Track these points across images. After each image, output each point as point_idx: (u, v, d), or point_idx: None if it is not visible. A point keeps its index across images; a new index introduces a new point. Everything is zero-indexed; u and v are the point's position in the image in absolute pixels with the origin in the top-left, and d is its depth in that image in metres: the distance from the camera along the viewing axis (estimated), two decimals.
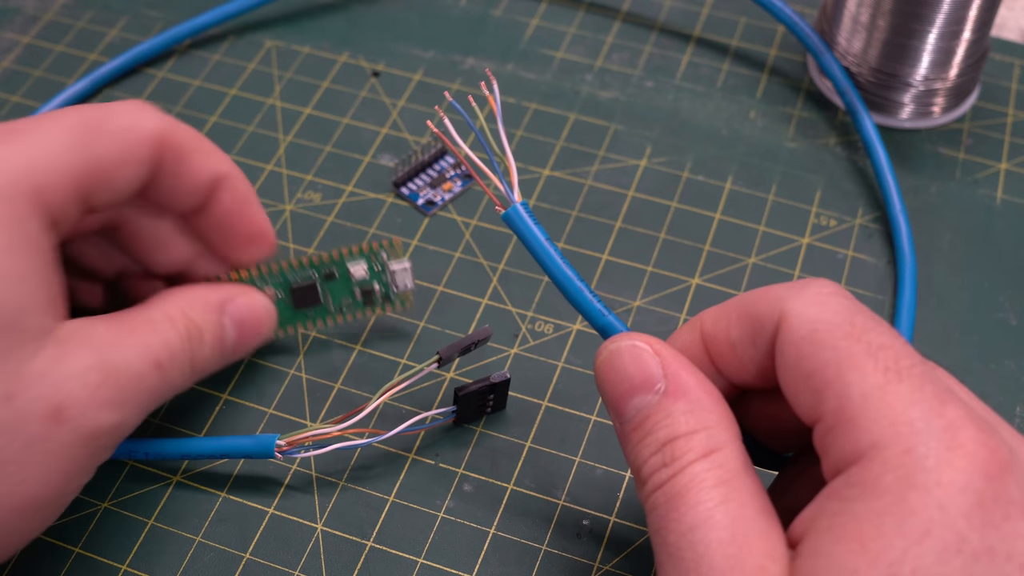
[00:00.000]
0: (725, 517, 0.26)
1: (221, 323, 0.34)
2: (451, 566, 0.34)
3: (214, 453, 0.35)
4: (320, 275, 0.38)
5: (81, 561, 0.34)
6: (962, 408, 0.25)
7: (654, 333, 0.39)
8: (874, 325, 0.27)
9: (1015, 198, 0.44)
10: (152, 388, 0.31)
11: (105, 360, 0.30)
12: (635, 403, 0.29)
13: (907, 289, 0.40)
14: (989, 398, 0.38)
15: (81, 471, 0.30)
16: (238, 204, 0.36)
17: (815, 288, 0.28)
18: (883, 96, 0.46)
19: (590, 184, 0.44)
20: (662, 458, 0.27)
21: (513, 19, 0.51)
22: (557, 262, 0.31)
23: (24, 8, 0.51)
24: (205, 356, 0.34)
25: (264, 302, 0.36)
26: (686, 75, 0.48)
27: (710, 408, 0.28)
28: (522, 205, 0.31)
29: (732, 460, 0.27)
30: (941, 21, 0.43)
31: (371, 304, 0.38)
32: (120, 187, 0.33)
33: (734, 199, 0.44)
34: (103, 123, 0.32)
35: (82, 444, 0.30)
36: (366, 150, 0.45)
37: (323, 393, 0.38)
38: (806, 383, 0.27)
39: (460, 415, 0.36)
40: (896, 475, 0.24)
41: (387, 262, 0.38)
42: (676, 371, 0.28)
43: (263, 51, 0.49)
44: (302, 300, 0.37)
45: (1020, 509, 0.24)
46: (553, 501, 0.36)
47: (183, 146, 0.34)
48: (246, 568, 0.34)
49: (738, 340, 0.29)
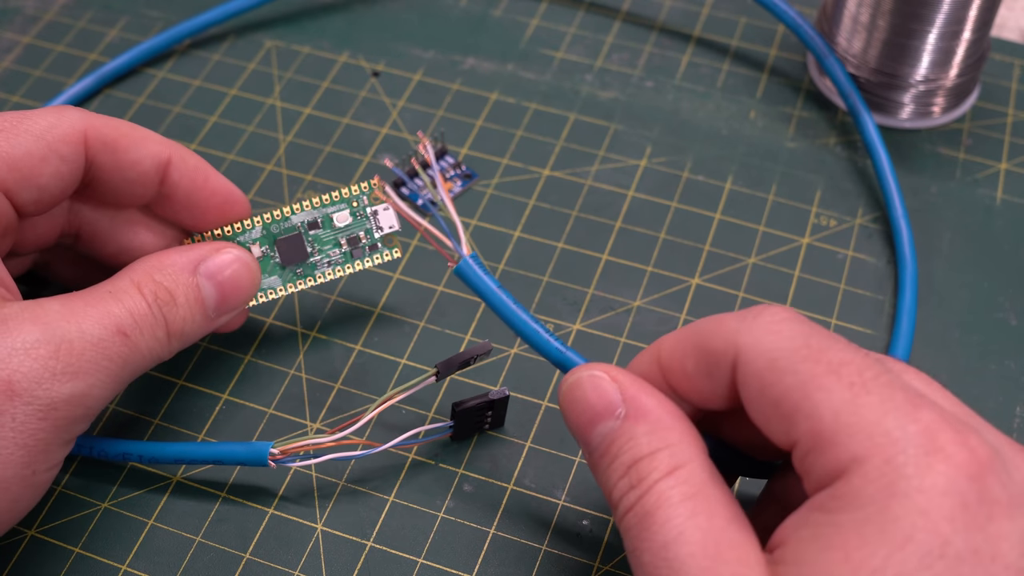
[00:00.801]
0: (696, 531, 0.26)
1: (195, 283, 0.34)
2: (451, 566, 0.34)
3: (207, 459, 0.35)
4: (303, 224, 0.37)
5: (81, 561, 0.34)
6: (936, 411, 0.25)
7: (654, 333, 0.40)
8: (831, 344, 0.27)
9: (1015, 198, 0.44)
10: (118, 356, 0.31)
11: (54, 332, 0.30)
12: (599, 430, 0.29)
13: (908, 290, 0.40)
14: (989, 398, 0.38)
15: (44, 445, 0.30)
16: (193, 179, 0.36)
17: (767, 317, 0.28)
18: (883, 96, 0.46)
19: (590, 184, 0.44)
20: (629, 480, 0.28)
21: (513, 19, 0.51)
22: (511, 307, 0.31)
23: (24, 8, 0.51)
24: (182, 318, 0.33)
25: (242, 254, 0.35)
26: (686, 75, 0.48)
27: (671, 426, 0.28)
28: (471, 257, 0.31)
29: (697, 474, 0.27)
30: (941, 21, 0.43)
31: (359, 255, 0.37)
32: (45, 185, 0.33)
33: (734, 199, 0.44)
34: (19, 124, 0.33)
35: (40, 417, 0.30)
36: (366, 150, 0.45)
37: (323, 393, 0.38)
38: (774, 412, 0.27)
39: (457, 431, 0.36)
40: (878, 485, 0.24)
41: (367, 205, 0.37)
42: (634, 395, 0.29)
43: (263, 51, 0.49)
44: (288, 254, 0.37)
45: (1004, 508, 0.24)
46: (553, 501, 0.36)
47: (112, 138, 0.34)
48: (246, 568, 0.34)
49: (694, 373, 0.29)
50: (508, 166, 0.45)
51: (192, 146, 0.45)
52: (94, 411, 0.31)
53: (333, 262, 0.37)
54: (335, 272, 0.37)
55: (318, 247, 0.37)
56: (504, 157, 0.45)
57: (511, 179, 0.44)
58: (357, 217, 0.37)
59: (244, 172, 0.45)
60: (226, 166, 0.45)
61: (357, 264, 0.37)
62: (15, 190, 0.32)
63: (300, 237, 0.37)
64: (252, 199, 0.44)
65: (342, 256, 0.37)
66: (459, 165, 0.45)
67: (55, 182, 0.33)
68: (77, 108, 0.34)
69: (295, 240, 0.37)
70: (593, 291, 0.41)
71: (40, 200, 0.33)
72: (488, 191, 0.44)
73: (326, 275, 0.37)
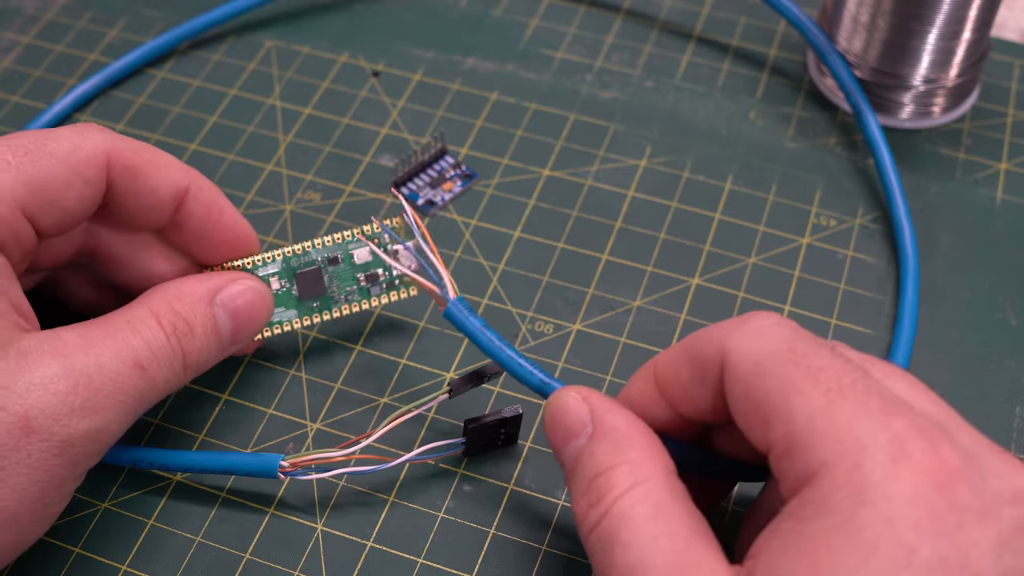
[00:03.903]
0: (658, 555, 0.26)
1: (212, 313, 0.34)
2: (451, 566, 0.34)
3: (216, 468, 0.35)
4: (323, 260, 0.37)
5: (81, 561, 0.34)
6: (910, 418, 0.25)
7: (654, 333, 0.40)
8: (814, 350, 0.27)
9: (1015, 198, 0.44)
10: (135, 390, 0.31)
11: (73, 367, 0.30)
12: (569, 448, 0.30)
13: (909, 289, 0.40)
14: (989, 398, 0.38)
15: (59, 480, 0.30)
16: (208, 212, 0.35)
17: (755, 322, 0.28)
18: (883, 96, 0.46)
19: (590, 184, 0.44)
20: (588, 498, 0.28)
21: (513, 19, 0.51)
22: (495, 344, 0.33)
23: (24, 8, 0.51)
24: (198, 350, 0.33)
25: (258, 286, 0.35)
26: (686, 75, 0.48)
27: (633, 443, 0.29)
28: (458, 300, 0.33)
29: (656, 491, 0.28)
30: (941, 21, 0.43)
31: (377, 292, 0.38)
32: (68, 208, 0.33)
33: (734, 199, 0.44)
34: (44, 145, 0.32)
35: (56, 453, 0.29)
36: (366, 150, 0.45)
37: (323, 393, 0.38)
38: (755, 414, 0.27)
39: (469, 447, 0.36)
40: (845, 492, 0.24)
41: (388, 243, 0.37)
42: (601, 415, 0.29)
43: (263, 51, 0.49)
44: (306, 288, 0.37)
45: (975, 516, 0.24)
46: (553, 501, 0.36)
47: (134, 163, 0.34)
48: (246, 568, 0.34)
49: (688, 382, 0.29)
50: (508, 166, 0.45)
51: (192, 146, 0.45)
52: (108, 445, 0.31)
53: (350, 297, 0.37)
54: (351, 308, 0.37)
55: (336, 282, 0.37)
56: (504, 157, 0.45)
57: (511, 179, 0.44)
58: (376, 256, 0.37)
59: (244, 172, 0.45)
60: (226, 166, 0.45)
61: (374, 300, 0.38)
62: (38, 215, 0.32)
63: (319, 271, 0.37)
64: (252, 199, 0.44)
65: (359, 292, 0.38)
66: (459, 165, 0.45)
67: (78, 205, 0.33)
68: (99, 128, 0.34)
69: (314, 274, 0.37)
70: (593, 291, 0.41)
71: (62, 223, 0.33)
72: (488, 191, 0.44)
73: (342, 310, 0.37)
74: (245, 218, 0.37)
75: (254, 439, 0.37)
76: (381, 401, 0.38)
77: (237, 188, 0.44)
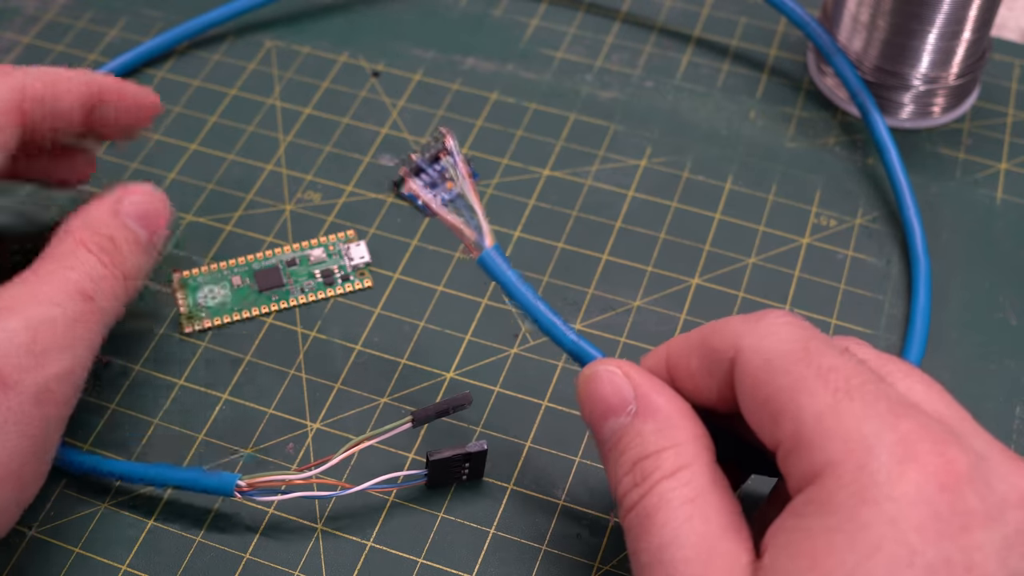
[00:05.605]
0: (691, 536, 0.26)
1: (124, 223, 0.34)
2: (451, 566, 0.34)
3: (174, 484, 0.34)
4: (282, 264, 0.41)
5: (81, 561, 0.34)
6: (919, 420, 0.25)
7: (654, 333, 0.40)
8: (826, 349, 0.27)
9: (1015, 198, 0.44)
10: (90, 320, 0.32)
11: (29, 317, 0.30)
12: (610, 424, 0.30)
13: (921, 293, 0.40)
14: (989, 398, 0.38)
15: (46, 429, 0.30)
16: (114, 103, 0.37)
17: (769, 319, 0.28)
18: (883, 96, 0.46)
19: (590, 184, 0.44)
20: (633, 478, 0.28)
21: (513, 19, 0.51)
22: (530, 299, 0.32)
23: (24, 8, 0.51)
24: (129, 262, 0.34)
25: (148, 187, 0.36)
26: (686, 75, 0.48)
27: (679, 426, 0.29)
28: (494, 249, 0.32)
29: (699, 477, 0.28)
30: (941, 21, 0.43)
31: (331, 284, 0.40)
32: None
33: (734, 199, 0.44)
34: None
35: (35, 403, 0.30)
36: (366, 150, 0.45)
37: (323, 393, 0.38)
38: (764, 411, 0.27)
39: (432, 479, 0.35)
40: (849, 491, 0.24)
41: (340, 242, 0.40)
42: (647, 392, 0.29)
43: (263, 51, 0.49)
44: (265, 282, 0.40)
45: (980, 519, 0.24)
46: (553, 501, 0.36)
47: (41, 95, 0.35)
48: (246, 568, 0.34)
49: (696, 370, 0.30)
50: (508, 166, 0.45)
51: (192, 146, 0.45)
52: (83, 380, 0.32)
53: (306, 289, 0.40)
54: (307, 297, 0.40)
55: (294, 279, 0.41)
56: (504, 157, 0.45)
57: (511, 179, 0.44)
58: (331, 255, 0.41)
59: (244, 172, 0.45)
60: (226, 166, 0.45)
61: (329, 291, 0.40)
62: None
63: (278, 268, 0.41)
64: (252, 199, 0.44)
65: (316, 285, 0.40)
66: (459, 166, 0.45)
67: None
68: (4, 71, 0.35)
69: (273, 271, 0.41)
70: (593, 291, 0.41)
71: None
72: (488, 191, 0.44)
73: (299, 300, 0.40)
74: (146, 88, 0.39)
75: (254, 439, 0.37)
76: (381, 401, 0.38)
77: (237, 188, 0.44)
